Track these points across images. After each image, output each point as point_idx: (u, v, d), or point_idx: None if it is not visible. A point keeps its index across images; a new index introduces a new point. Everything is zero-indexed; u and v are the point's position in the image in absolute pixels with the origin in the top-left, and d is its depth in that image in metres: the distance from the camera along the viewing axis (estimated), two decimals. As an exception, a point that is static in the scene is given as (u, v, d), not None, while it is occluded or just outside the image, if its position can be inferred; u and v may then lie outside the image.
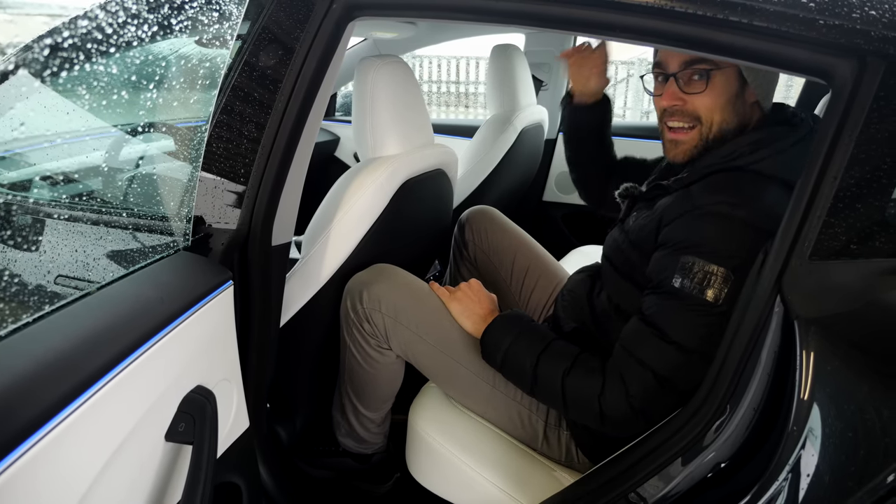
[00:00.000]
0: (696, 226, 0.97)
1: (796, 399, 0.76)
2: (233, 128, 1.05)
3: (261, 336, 1.14)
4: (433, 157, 1.42)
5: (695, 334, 0.95)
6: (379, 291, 1.24)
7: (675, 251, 0.98)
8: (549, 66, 2.41)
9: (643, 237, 1.07)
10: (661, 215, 1.03)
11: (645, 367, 0.97)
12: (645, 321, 1.00)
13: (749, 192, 0.97)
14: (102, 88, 1.10)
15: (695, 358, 0.94)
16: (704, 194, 0.99)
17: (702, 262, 0.94)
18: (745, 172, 1.00)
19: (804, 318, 0.77)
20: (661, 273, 0.99)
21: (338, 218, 1.26)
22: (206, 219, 1.04)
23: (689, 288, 0.95)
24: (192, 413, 0.82)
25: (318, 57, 1.04)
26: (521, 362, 1.11)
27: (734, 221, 0.94)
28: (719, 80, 1.03)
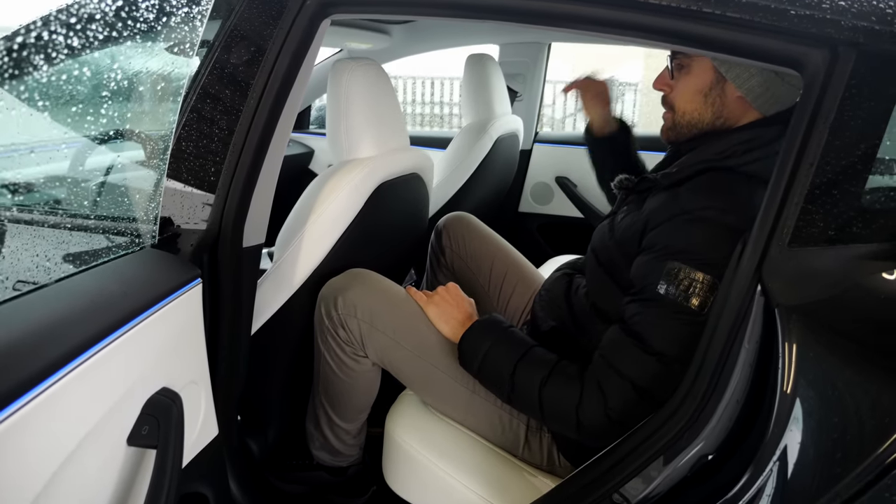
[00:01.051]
0: (683, 231, 0.95)
1: (780, 388, 0.74)
2: (203, 127, 1.02)
3: (231, 340, 1.10)
4: (409, 160, 1.40)
5: (677, 343, 0.93)
6: (354, 296, 1.21)
7: (661, 256, 0.96)
8: (523, 76, 2.43)
9: (628, 237, 1.05)
10: (648, 217, 1.01)
11: (624, 379, 0.95)
12: (626, 330, 0.98)
13: (739, 197, 0.95)
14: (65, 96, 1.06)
15: (676, 368, 0.92)
16: (693, 197, 0.97)
17: (688, 268, 0.92)
18: (736, 174, 0.98)
19: (785, 306, 0.76)
20: (646, 278, 0.97)
21: (311, 220, 1.23)
22: (175, 219, 1.01)
23: (674, 295, 0.93)
24: (157, 416, 0.78)
25: (290, 54, 1.02)
26: (499, 369, 1.08)
27: (722, 228, 0.92)
28: (692, 71, 1.05)
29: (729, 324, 0.82)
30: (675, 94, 1.09)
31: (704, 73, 1.04)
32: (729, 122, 1.05)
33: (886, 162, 0.76)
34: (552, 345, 1.13)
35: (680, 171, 1.04)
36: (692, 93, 1.05)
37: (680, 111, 1.08)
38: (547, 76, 2.53)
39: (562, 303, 1.21)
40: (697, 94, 1.05)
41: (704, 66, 1.03)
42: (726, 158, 1.00)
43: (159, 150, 1.06)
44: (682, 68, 1.07)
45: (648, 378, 0.94)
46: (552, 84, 8.42)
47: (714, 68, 1.02)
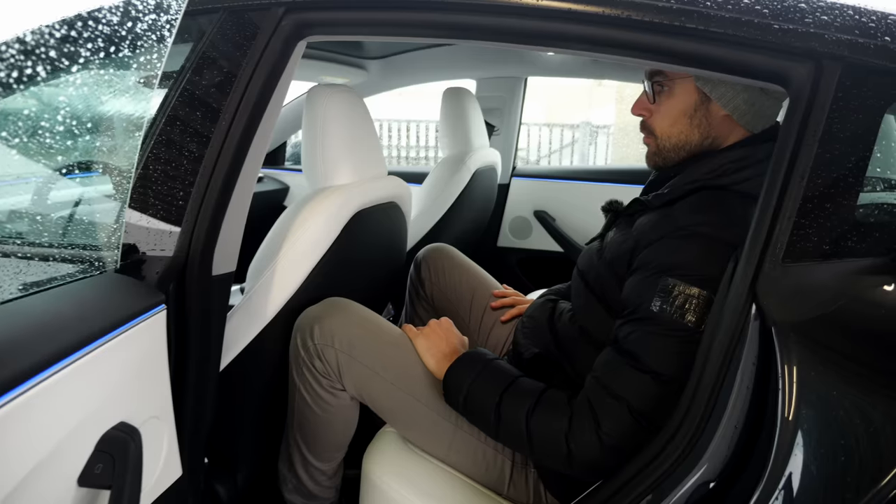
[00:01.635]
0: (677, 247, 0.92)
1: (780, 410, 0.71)
2: (171, 151, 0.98)
3: (198, 374, 1.03)
4: (387, 188, 1.37)
5: (673, 362, 0.89)
6: (332, 326, 1.16)
7: (655, 274, 0.92)
8: (500, 111, 2.44)
9: (618, 257, 1.02)
10: (639, 237, 0.98)
11: (619, 401, 0.91)
12: (619, 350, 0.94)
13: (734, 214, 0.92)
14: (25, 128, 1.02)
15: (673, 389, 0.88)
16: (688, 214, 0.95)
17: (683, 284, 0.89)
18: (729, 192, 0.97)
19: (782, 324, 0.73)
20: (638, 298, 0.94)
21: (285, 249, 1.18)
22: (140, 245, 0.96)
23: (669, 312, 0.89)
24: (112, 453, 0.71)
25: (264, 76, 0.99)
26: (484, 401, 1.03)
27: (719, 243, 0.89)
28: (676, 92, 1.02)
29: (724, 344, 0.79)
30: (656, 118, 1.06)
31: (687, 94, 1.02)
32: (717, 142, 1.04)
33: (878, 174, 0.75)
34: (537, 373, 1.09)
35: (672, 191, 1.02)
36: (676, 115, 1.03)
37: (664, 135, 1.05)
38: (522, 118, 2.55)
39: (545, 329, 1.17)
40: (682, 116, 1.03)
41: (687, 87, 1.02)
42: (719, 177, 0.99)
43: (124, 173, 1.01)
44: (662, 91, 1.04)
45: (644, 399, 0.89)
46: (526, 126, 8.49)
47: (697, 89, 1.01)
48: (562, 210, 2.42)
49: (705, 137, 1.03)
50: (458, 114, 2.02)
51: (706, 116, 1.02)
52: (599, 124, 10.76)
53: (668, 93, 1.04)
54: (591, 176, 2.42)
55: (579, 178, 2.42)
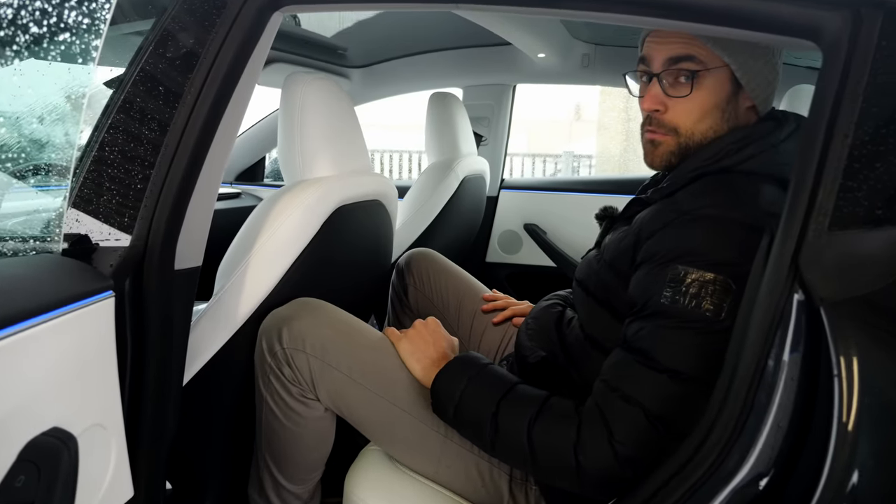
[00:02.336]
0: (684, 233, 0.83)
1: (837, 405, 0.61)
2: (130, 127, 0.88)
3: (158, 382, 0.91)
4: (371, 184, 1.27)
5: (692, 358, 0.79)
6: (302, 327, 1.03)
7: (662, 264, 0.83)
8: (488, 120, 2.36)
9: (619, 255, 0.93)
10: (640, 228, 0.89)
11: (631, 404, 0.80)
12: (629, 349, 0.84)
13: (742, 194, 0.85)
14: None
15: (694, 389, 0.78)
16: (690, 198, 0.86)
17: (695, 270, 0.79)
18: (734, 174, 0.88)
19: (832, 302, 0.63)
20: (646, 293, 0.84)
21: (259, 244, 1.07)
22: (93, 235, 0.84)
23: (682, 303, 0.79)
24: (39, 463, 0.59)
25: (235, 48, 0.90)
26: (478, 410, 0.91)
27: (729, 224, 0.81)
28: (707, 83, 0.90)
29: (762, 331, 0.68)
30: (679, 112, 0.92)
31: (721, 85, 0.91)
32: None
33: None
34: (541, 379, 0.98)
35: (672, 183, 0.93)
36: (708, 108, 0.91)
37: (689, 131, 0.93)
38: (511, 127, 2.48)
39: (552, 333, 1.06)
40: (714, 109, 0.92)
41: (721, 77, 0.91)
42: (719, 160, 0.90)
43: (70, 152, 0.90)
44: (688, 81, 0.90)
45: (661, 401, 0.79)
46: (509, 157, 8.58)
47: (731, 78, 0.91)
48: (553, 223, 2.33)
49: (731, 129, 0.93)
50: (444, 119, 1.94)
51: (735, 108, 0.93)
52: (581, 154, 10.84)
53: (700, 85, 0.91)
54: (582, 187, 2.34)
55: (570, 189, 2.34)
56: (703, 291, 0.79)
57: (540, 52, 1.98)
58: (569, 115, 18.80)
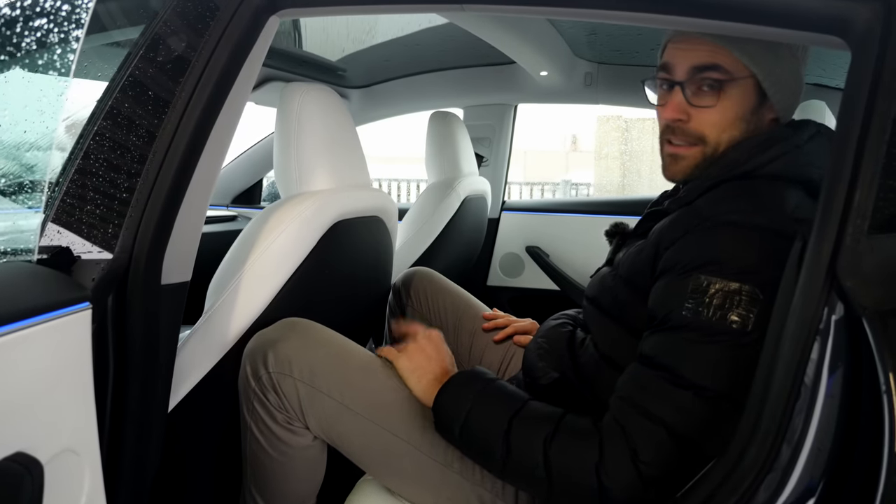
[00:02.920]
0: (706, 241, 0.78)
1: (888, 426, 0.55)
2: (117, 134, 0.84)
3: (142, 406, 0.84)
4: (370, 199, 1.22)
5: (719, 374, 0.73)
6: (289, 350, 0.96)
7: (683, 274, 0.77)
8: (489, 140, 2.33)
9: (637, 269, 0.87)
10: (660, 238, 0.84)
11: (654, 422, 0.74)
12: (649, 363, 0.78)
13: (766, 198, 0.80)
14: None
15: (721, 407, 0.73)
16: (712, 204, 0.82)
17: (718, 280, 0.74)
18: (756, 178, 0.84)
19: (876, 312, 0.58)
20: (667, 305, 0.78)
21: (252, 259, 1.01)
22: (75, 248, 0.79)
23: (706, 315, 0.74)
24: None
25: (227, 54, 0.86)
26: (488, 429, 0.85)
27: (753, 229, 0.76)
28: (733, 94, 0.87)
29: (797, 345, 0.63)
30: (704, 122, 0.88)
31: (746, 95, 0.87)
32: None
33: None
34: (553, 400, 0.91)
35: (690, 192, 0.88)
36: (732, 119, 0.88)
37: (714, 142, 0.88)
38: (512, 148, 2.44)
39: (565, 354, 0.99)
40: (738, 120, 0.88)
41: (746, 87, 0.87)
42: (741, 165, 0.85)
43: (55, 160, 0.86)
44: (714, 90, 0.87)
45: (687, 420, 0.73)
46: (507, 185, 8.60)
47: (756, 88, 0.87)
48: (556, 245, 2.28)
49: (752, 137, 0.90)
50: (445, 137, 1.90)
51: (759, 119, 0.90)
52: (579, 182, 10.88)
53: (726, 95, 0.87)
54: (585, 208, 2.30)
55: (573, 210, 2.30)
56: (727, 303, 0.73)
57: (542, 70, 1.96)
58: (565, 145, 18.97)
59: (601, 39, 1.85)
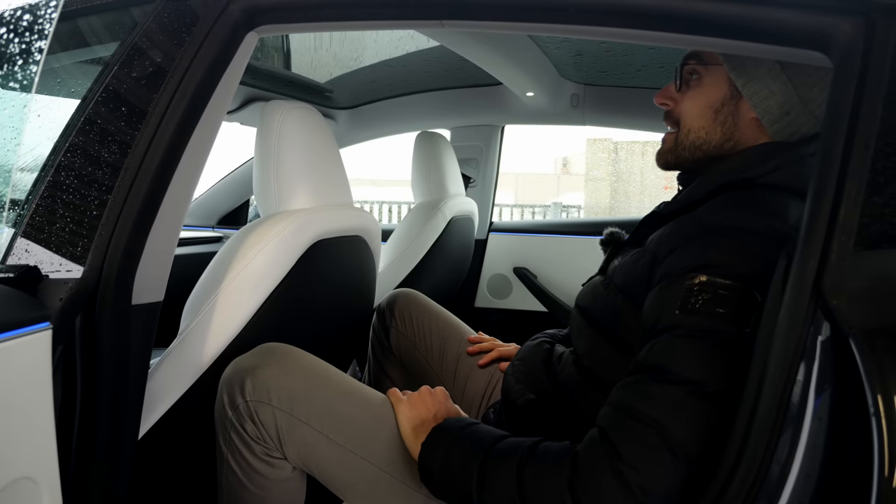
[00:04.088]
0: (705, 246, 0.76)
1: (877, 449, 0.52)
2: (89, 149, 0.82)
3: (111, 433, 0.81)
4: (352, 218, 1.20)
5: (713, 370, 0.69)
6: (267, 377, 0.93)
7: (678, 277, 0.75)
8: (476, 161, 2.32)
9: (633, 278, 0.84)
10: (658, 247, 0.82)
11: (644, 424, 0.69)
12: (640, 368, 0.74)
13: (767, 206, 0.79)
14: None
15: (718, 408, 0.68)
16: (713, 212, 0.81)
17: (711, 278, 0.72)
18: (757, 186, 0.83)
19: (863, 331, 0.56)
20: (660, 308, 0.75)
21: (228, 279, 0.99)
22: (43, 267, 0.77)
23: (698, 311, 0.71)
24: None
25: (204, 69, 0.85)
26: (465, 463, 0.81)
27: (752, 235, 0.75)
28: (707, 81, 0.90)
29: (783, 366, 0.61)
30: (682, 108, 0.93)
31: (717, 85, 0.89)
32: (738, 147, 0.90)
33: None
34: (532, 422, 0.89)
35: (689, 195, 0.87)
36: (701, 106, 0.90)
37: (685, 127, 0.92)
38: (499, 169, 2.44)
39: (541, 373, 0.97)
40: (707, 108, 0.90)
41: (719, 76, 0.89)
42: (742, 172, 0.84)
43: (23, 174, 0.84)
44: (691, 78, 0.92)
45: (677, 419, 0.68)
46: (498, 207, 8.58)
47: (730, 81, 0.88)
48: (543, 266, 2.26)
49: (727, 139, 0.89)
50: (431, 158, 1.89)
51: (733, 115, 0.89)
52: (569, 205, 10.93)
53: (697, 80, 0.91)
54: (573, 229, 2.28)
55: (561, 231, 2.29)
56: (719, 299, 0.71)
57: (528, 90, 1.96)
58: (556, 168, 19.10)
59: (587, 60, 1.85)
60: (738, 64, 0.86)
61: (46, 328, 0.64)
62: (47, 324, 0.64)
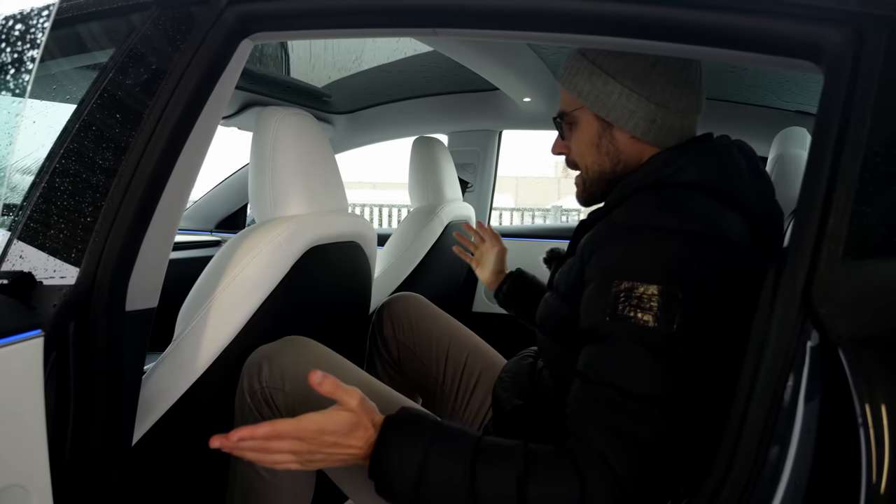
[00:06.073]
0: (620, 247, 0.81)
1: (865, 459, 0.53)
2: (84, 155, 0.82)
3: (104, 440, 0.81)
4: (347, 224, 1.20)
5: (659, 379, 0.73)
6: (284, 364, 0.96)
7: (603, 283, 0.79)
8: (473, 166, 2.32)
9: (570, 284, 0.90)
10: (583, 250, 0.87)
11: (623, 438, 0.72)
12: (590, 381, 0.77)
13: (673, 202, 0.84)
14: None
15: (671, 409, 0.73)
16: (624, 213, 0.87)
17: (635, 284, 0.76)
18: (666, 187, 0.88)
19: (851, 340, 0.56)
20: (592, 315, 0.80)
21: (223, 285, 0.99)
22: (37, 274, 0.77)
23: (633, 320, 0.75)
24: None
25: (198, 76, 0.85)
26: (449, 480, 0.74)
27: (664, 232, 0.79)
28: (580, 124, 0.98)
29: (772, 375, 0.61)
30: (573, 152, 1.02)
31: (588, 123, 0.98)
32: (630, 165, 0.97)
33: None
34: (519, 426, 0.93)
35: (608, 204, 0.95)
36: (585, 145, 0.99)
37: (583, 167, 1.01)
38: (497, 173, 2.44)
39: (526, 384, 1.02)
40: (590, 146, 0.98)
41: (587, 116, 0.97)
42: (651, 175, 0.90)
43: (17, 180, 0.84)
44: (570, 126, 1.00)
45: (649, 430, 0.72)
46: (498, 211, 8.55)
47: (596, 116, 0.96)
48: (542, 271, 2.26)
49: (616, 163, 0.97)
50: (428, 163, 1.89)
51: (612, 142, 0.97)
52: (570, 208, 10.94)
53: (573, 126, 1.00)
54: (571, 234, 2.28)
55: (559, 236, 2.29)
56: (647, 304, 0.75)
57: (526, 96, 1.96)
58: (557, 171, 19.12)
59: (584, 66, 1.86)
60: (595, 101, 0.94)
61: (39, 335, 0.64)
62: (39, 331, 0.64)
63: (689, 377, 0.73)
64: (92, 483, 0.82)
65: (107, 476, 0.84)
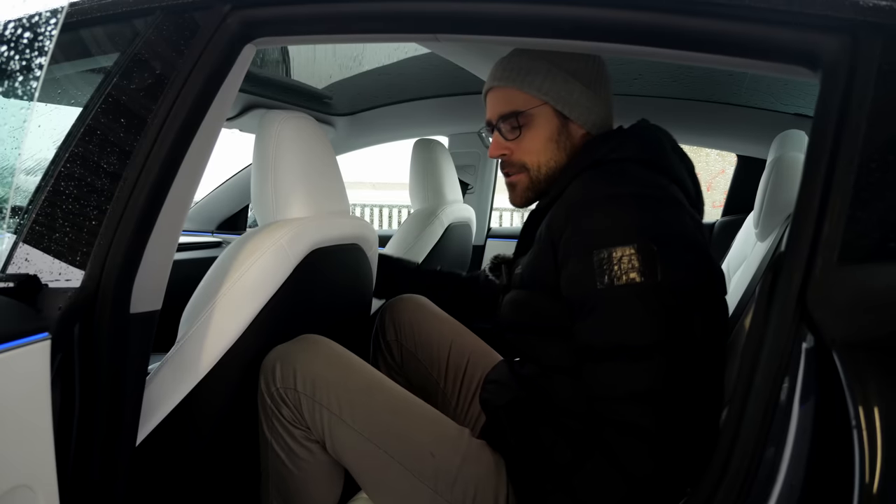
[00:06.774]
0: (587, 219, 0.87)
1: (858, 461, 0.54)
2: (89, 159, 0.83)
3: (108, 441, 0.82)
4: (349, 227, 1.21)
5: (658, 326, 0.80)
6: (296, 363, 0.99)
7: (582, 257, 0.85)
8: (474, 168, 2.33)
9: (539, 269, 0.93)
10: (550, 233, 0.91)
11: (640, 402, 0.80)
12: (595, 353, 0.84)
13: (619, 173, 0.92)
14: None
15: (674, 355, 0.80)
16: (578, 190, 0.92)
17: (614, 248, 0.82)
18: (607, 163, 0.95)
19: (846, 344, 0.57)
20: (581, 286, 0.85)
21: (226, 287, 1.00)
22: (42, 276, 0.78)
23: (619, 281, 0.81)
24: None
25: (202, 81, 0.87)
26: None
27: (620, 198, 0.86)
28: (536, 122, 1.01)
29: (768, 378, 0.62)
30: (523, 152, 1.03)
31: (548, 120, 1.01)
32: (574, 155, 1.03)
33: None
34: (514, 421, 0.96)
35: (557, 189, 0.99)
36: (543, 143, 1.02)
37: (535, 166, 1.02)
38: (497, 175, 2.45)
39: (509, 382, 1.02)
40: (548, 142, 1.02)
41: (546, 113, 1.01)
42: (592, 154, 0.98)
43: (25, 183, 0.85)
44: (521, 125, 1.01)
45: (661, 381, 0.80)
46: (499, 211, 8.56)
47: (556, 112, 1.01)
48: None
49: (571, 157, 1.03)
50: (429, 165, 1.90)
51: (569, 138, 1.03)
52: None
53: (528, 125, 1.01)
54: None
55: None
56: (630, 264, 0.81)
57: (525, 99, 1.97)
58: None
59: (584, 69, 1.87)
60: (558, 97, 1.00)
61: (45, 338, 0.65)
62: (46, 334, 0.65)
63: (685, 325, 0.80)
64: (96, 483, 0.83)
65: (111, 476, 0.85)
